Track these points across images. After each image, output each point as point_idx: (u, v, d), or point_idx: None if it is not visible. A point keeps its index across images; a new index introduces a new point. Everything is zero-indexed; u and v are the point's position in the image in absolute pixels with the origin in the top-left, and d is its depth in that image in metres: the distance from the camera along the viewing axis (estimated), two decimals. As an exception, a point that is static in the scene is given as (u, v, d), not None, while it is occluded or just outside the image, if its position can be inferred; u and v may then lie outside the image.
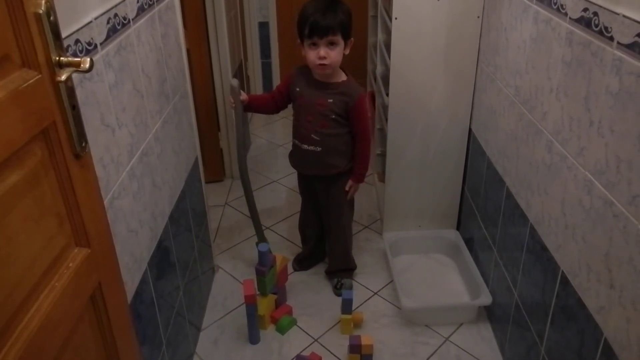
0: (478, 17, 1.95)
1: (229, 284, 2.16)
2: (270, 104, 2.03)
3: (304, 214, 2.23)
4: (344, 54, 1.83)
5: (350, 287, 2.11)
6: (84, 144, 0.93)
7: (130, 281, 1.24)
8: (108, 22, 1.13)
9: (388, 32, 2.12)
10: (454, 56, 2.02)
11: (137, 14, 1.32)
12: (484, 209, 1.99)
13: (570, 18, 1.27)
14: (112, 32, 1.16)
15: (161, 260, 1.48)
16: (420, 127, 2.16)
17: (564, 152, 1.31)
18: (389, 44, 2.06)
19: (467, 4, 1.93)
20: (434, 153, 2.21)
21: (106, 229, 1.05)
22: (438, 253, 2.29)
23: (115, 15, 1.17)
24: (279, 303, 1.97)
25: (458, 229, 2.36)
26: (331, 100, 1.84)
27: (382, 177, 2.76)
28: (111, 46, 1.15)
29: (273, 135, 3.58)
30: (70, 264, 0.91)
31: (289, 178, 2.97)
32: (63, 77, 0.81)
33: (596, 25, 1.14)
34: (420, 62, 2.03)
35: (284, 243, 2.42)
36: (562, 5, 1.31)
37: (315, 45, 1.76)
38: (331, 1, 1.78)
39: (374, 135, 2.83)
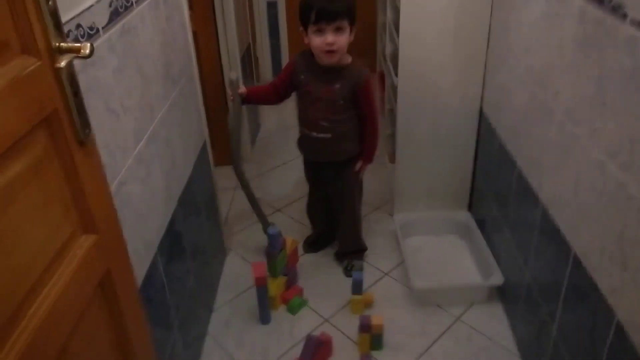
0: (489, -8, 1.90)
1: (240, 266, 2.17)
2: (271, 95, 1.97)
3: (311, 200, 2.21)
4: (350, 41, 1.78)
5: (361, 269, 2.11)
6: (87, 131, 0.93)
7: (140, 266, 1.25)
8: (110, 5, 1.12)
9: (397, 11, 2.08)
10: (463, 35, 1.97)
11: (140, -3, 1.30)
12: (496, 190, 1.97)
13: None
14: (115, 15, 1.14)
15: (171, 244, 1.49)
16: (430, 107, 2.13)
17: (577, 133, 1.28)
18: (398, 23, 2.03)
19: (478, -21, 1.88)
20: (445, 134, 2.18)
21: (113, 215, 1.05)
22: (449, 234, 2.27)
23: (117, -1, 1.16)
24: (290, 284, 1.98)
25: (469, 210, 2.34)
26: (338, 86, 1.80)
27: (392, 158, 2.74)
28: (114, 30, 1.14)
29: (283, 117, 3.57)
30: (78, 251, 0.92)
31: (298, 160, 2.93)
32: (63, 64, 0.80)
33: (609, 2, 1.10)
34: (429, 42, 1.99)
35: (295, 225, 2.43)
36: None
37: (320, 31, 1.71)
38: None
39: (385, 116, 2.80)
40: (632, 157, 1.05)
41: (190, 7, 2.45)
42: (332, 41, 1.71)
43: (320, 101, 1.83)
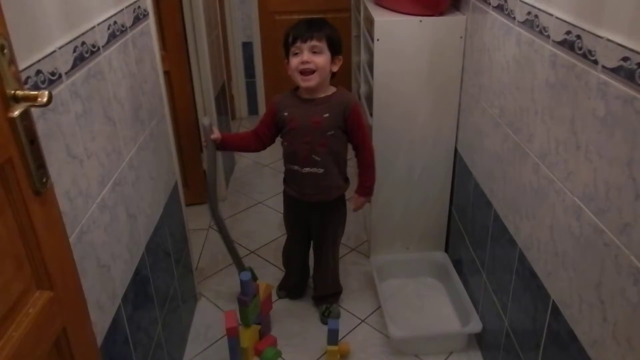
0: (461, 37, 1.93)
1: (212, 313, 2.09)
2: (252, 141, 1.93)
3: (290, 245, 2.14)
4: (332, 71, 1.76)
5: (338, 315, 2.05)
6: (44, 180, 0.87)
7: (102, 320, 1.17)
8: (75, 51, 1.08)
9: (370, 52, 2.10)
10: (437, 77, 1.99)
11: (108, 41, 1.27)
12: (472, 231, 1.95)
13: (553, 40, 1.24)
14: (80, 60, 1.11)
15: (137, 293, 1.41)
16: (405, 147, 2.12)
17: (551, 176, 1.28)
18: (372, 65, 2.04)
19: (449, 25, 1.91)
20: (420, 173, 2.17)
21: (71, 269, 0.98)
22: (427, 276, 2.24)
23: (83, 43, 1.12)
24: (263, 333, 1.90)
25: (446, 250, 2.31)
26: (327, 115, 1.75)
27: (368, 198, 2.72)
28: (78, 75, 1.10)
29: (258, 154, 3.48)
30: (31, 310, 0.85)
31: (274, 199, 2.92)
32: (16, 113, 0.75)
33: (580, 49, 1.12)
34: (403, 83, 2.00)
35: (269, 268, 2.36)
36: (544, 28, 1.28)
37: (297, 54, 1.71)
38: (317, 19, 1.76)
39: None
40: (608, 202, 1.04)
41: (164, 48, 2.44)
42: (307, 59, 1.68)
43: (310, 134, 1.77)
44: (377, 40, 1.93)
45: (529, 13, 1.36)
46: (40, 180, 0.86)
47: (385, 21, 1.92)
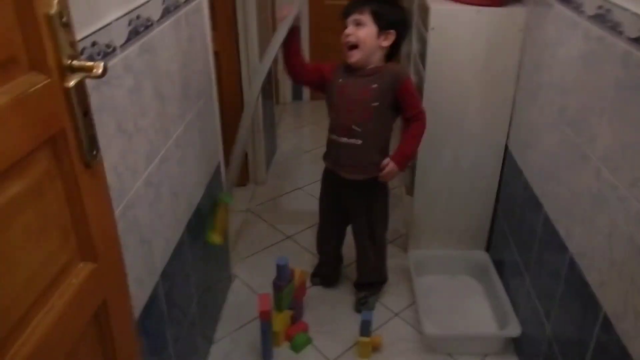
0: (520, 30, 1.84)
1: (245, 294, 2.09)
2: (301, 62, 1.85)
3: (323, 230, 2.09)
4: (382, 46, 1.70)
5: (373, 307, 2.02)
6: (95, 152, 0.87)
7: (141, 294, 1.18)
8: (129, 24, 1.07)
9: (423, 41, 2.03)
10: (492, 70, 1.91)
11: (162, 16, 1.26)
12: (518, 233, 1.88)
13: (627, 37, 1.16)
14: (134, 34, 1.10)
15: (175, 270, 1.42)
16: (454, 141, 2.06)
17: (615, 182, 1.20)
18: (424, 55, 1.97)
19: (509, 16, 1.83)
20: (467, 169, 2.11)
21: (115, 243, 0.99)
22: (465, 275, 2.18)
23: (138, 17, 1.11)
24: (295, 319, 1.90)
25: (487, 250, 2.24)
26: (375, 86, 1.70)
27: (410, 190, 2.66)
28: (132, 49, 1.10)
29: (300, 140, 3.52)
30: (74, 280, 0.85)
31: (314, 186, 2.89)
32: (71, 83, 0.75)
33: (659, 46, 1.04)
34: (456, 74, 1.93)
35: (305, 255, 2.35)
36: (617, 23, 1.20)
37: (345, 29, 1.71)
38: None
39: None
40: (678, 215, 0.96)
41: (214, 28, 2.43)
42: (349, 32, 1.68)
43: (355, 103, 1.73)
44: (432, 29, 1.86)
45: (599, 7, 1.28)
46: (91, 152, 0.86)
47: (441, 9, 1.85)
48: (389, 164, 1.76)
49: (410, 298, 2.08)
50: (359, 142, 1.75)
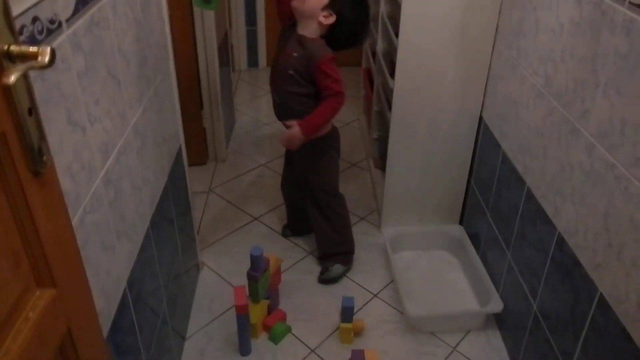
0: (498, -7, 1.74)
1: (215, 283, 1.97)
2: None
3: (284, 173, 2.14)
4: (319, 20, 1.69)
5: (336, 279, 1.98)
6: (44, 157, 0.72)
7: (107, 309, 1.04)
8: (76, -6, 0.90)
9: (395, 4, 1.90)
10: (468, 36, 1.82)
11: (112, -18, 1.08)
12: (496, 207, 1.83)
13: (631, 2, 1.08)
14: (82, 4, 0.92)
15: (143, 272, 1.28)
16: (428, 112, 1.97)
17: (612, 160, 1.14)
18: (395, 19, 1.85)
19: (487, -22, 1.72)
20: (441, 141, 2.03)
21: (76, 260, 0.84)
22: (441, 249, 2.14)
23: (84, -15, 0.93)
24: (272, 308, 1.80)
25: (461, 223, 2.20)
26: (295, 54, 1.72)
27: (378, 163, 2.58)
28: (80, 22, 0.92)
29: (258, 111, 3.35)
30: (30, 314, 0.71)
31: (277, 162, 2.76)
32: (12, 79, 0.58)
33: (672, 16, 0.96)
34: (430, 41, 1.83)
35: (275, 237, 2.23)
36: (618, -12, 1.11)
37: None
38: None
39: (372, 118, 2.63)
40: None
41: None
42: None
43: (278, 64, 1.79)
44: (406, -6, 1.74)
45: (597, -30, 1.19)
46: (40, 158, 0.71)
47: (417, -28, 1.72)
48: (294, 126, 1.75)
49: (388, 276, 2.02)
50: (279, 100, 1.83)
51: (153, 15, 1.39)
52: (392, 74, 1.99)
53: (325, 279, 1.98)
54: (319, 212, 1.97)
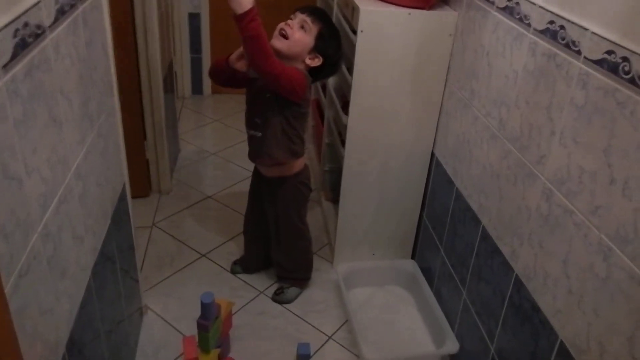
0: (450, 35, 1.77)
1: (161, 329, 1.84)
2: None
3: (247, 213, 2.09)
4: (305, 61, 1.69)
5: (290, 301, 2.00)
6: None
7: (43, 381, 0.92)
8: (15, 35, 0.80)
9: (349, 44, 1.90)
10: (422, 75, 1.83)
11: (55, 20, 0.98)
12: (451, 244, 1.83)
13: (585, 57, 1.11)
14: (22, 48, 0.83)
15: (83, 331, 1.16)
16: (381, 148, 1.96)
17: (570, 207, 1.16)
18: (348, 55, 1.84)
19: (439, 20, 1.75)
20: (395, 176, 2.03)
21: (7, 334, 0.73)
22: (395, 285, 2.11)
23: (26, 24, 0.84)
24: (222, 355, 1.69)
25: (413, 257, 2.20)
26: None
27: (330, 196, 2.55)
28: (19, 67, 0.83)
29: (203, 140, 3.24)
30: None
31: (224, 194, 2.67)
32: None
33: (626, 72, 0.99)
34: (384, 80, 1.83)
35: (223, 274, 2.13)
36: (573, 42, 1.14)
37: (290, 20, 1.69)
38: (328, 15, 1.76)
39: (322, 151, 2.60)
40: (651, 251, 0.93)
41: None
42: (291, 24, 1.66)
43: (257, 94, 1.73)
44: (361, 32, 1.73)
45: (551, 22, 1.22)
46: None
47: (371, 11, 1.72)
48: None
49: (342, 316, 1.97)
50: (259, 134, 1.76)
51: (97, 51, 1.29)
52: (345, 109, 1.98)
53: (279, 301, 2.01)
54: (282, 244, 1.98)
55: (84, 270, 1.18)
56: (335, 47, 1.72)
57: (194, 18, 3.52)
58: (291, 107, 1.69)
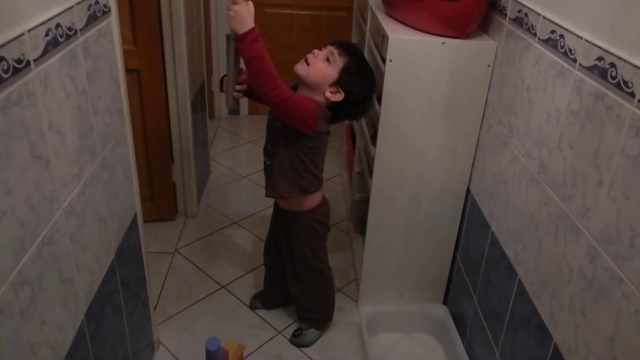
0: (489, 65, 1.63)
1: (171, 367, 1.76)
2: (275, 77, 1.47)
3: (266, 243, 1.97)
4: (326, 95, 1.56)
5: (308, 344, 1.88)
6: None
7: None
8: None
9: (379, 72, 1.78)
10: (456, 107, 1.69)
11: (45, 52, 0.92)
12: (484, 293, 1.66)
13: (639, 101, 0.94)
14: (-8, 84, 0.76)
15: (69, 380, 1.08)
16: (411, 182, 1.82)
17: (619, 273, 0.99)
18: (380, 87, 1.72)
19: (477, 50, 1.61)
20: (425, 212, 1.88)
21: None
22: (422, 332, 1.95)
23: (0, 59, 0.77)
24: (230, 402, 1.59)
25: (445, 302, 2.03)
26: None
27: (359, 228, 2.42)
28: (-12, 106, 0.76)
29: (237, 162, 3.19)
30: None
31: (251, 220, 2.59)
32: None
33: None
34: (415, 111, 1.70)
35: (241, 309, 2.04)
36: (625, 82, 0.98)
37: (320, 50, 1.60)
38: (360, 52, 1.65)
39: (353, 180, 2.48)
40: None
41: (134, 43, 2.09)
42: (317, 54, 1.58)
43: (272, 121, 1.65)
44: (390, 61, 1.61)
45: (599, 59, 1.06)
46: None
47: (401, 39, 1.60)
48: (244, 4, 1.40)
49: (363, 363, 1.83)
50: (269, 162, 1.69)
51: (103, 80, 1.23)
52: (374, 139, 1.85)
53: (298, 344, 1.89)
54: (299, 281, 1.86)
55: (75, 316, 1.11)
56: (361, 84, 1.58)
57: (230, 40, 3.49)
58: (301, 141, 1.57)
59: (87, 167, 1.16)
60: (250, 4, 1.42)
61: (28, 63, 0.87)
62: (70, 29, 1.03)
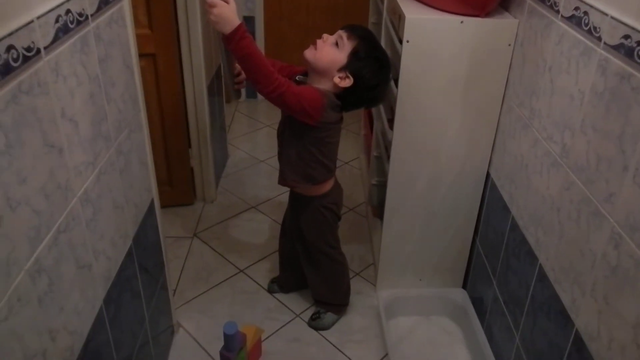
0: (509, 45, 1.58)
1: (192, 351, 1.78)
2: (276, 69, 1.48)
3: (283, 223, 1.98)
4: (334, 80, 1.50)
5: (327, 327, 1.89)
6: None
7: None
8: (-8, 60, 0.73)
9: (395, 52, 1.74)
10: (475, 88, 1.65)
11: (55, 39, 0.91)
12: (504, 279, 1.64)
13: (669, 80, 0.90)
14: (4, 72, 0.76)
15: (89, 363, 1.10)
16: (429, 166, 1.79)
17: (644, 260, 0.96)
18: (396, 70, 1.69)
19: (497, 28, 1.56)
20: (444, 196, 1.85)
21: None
22: (442, 316, 1.94)
23: (9, 48, 0.77)
24: (249, 385, 1.61)
25: (464, 286, 2.01)
26: None
27: (376, 212, 2.40)
28: (1, 94, 0.76)
29: (254, 145, 3.18)
30: None
31: (269, 204, 2.59)
32: None
33: None
34: (433, 93, 1.66)
35: (259, 293, 2.05)
36: (654, 58, 0.94)
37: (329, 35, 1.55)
38: (372, 35, 1.58)
39: (370, 163, 2.46)
40: None
41: (149, 27, 2.08)
42: (325, 38, 1.52)
43: (283, 113, 1.64)
44: (407, 42, 1.57)
45: (626, 37, 1.02)
46: None
47: (418, 19, 1.56)
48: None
49: (382, 348, 1.82)
50: (279, 149, 1.69)
51: (116, 67, 1.23)
52: (391, 123, 1.82)
53: (315, 327, 1.91)
54: (312, 266, 1.85)
55: (93, 301, 1.12)
56: (372, 69, 1.51)
57: (248, 21, 3.46)
58: (308, 132, 1.54)
59: (101, 155, 1.16)
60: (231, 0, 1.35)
61: (38, 51, 0.86)
62: (80, 14, 1.02)
